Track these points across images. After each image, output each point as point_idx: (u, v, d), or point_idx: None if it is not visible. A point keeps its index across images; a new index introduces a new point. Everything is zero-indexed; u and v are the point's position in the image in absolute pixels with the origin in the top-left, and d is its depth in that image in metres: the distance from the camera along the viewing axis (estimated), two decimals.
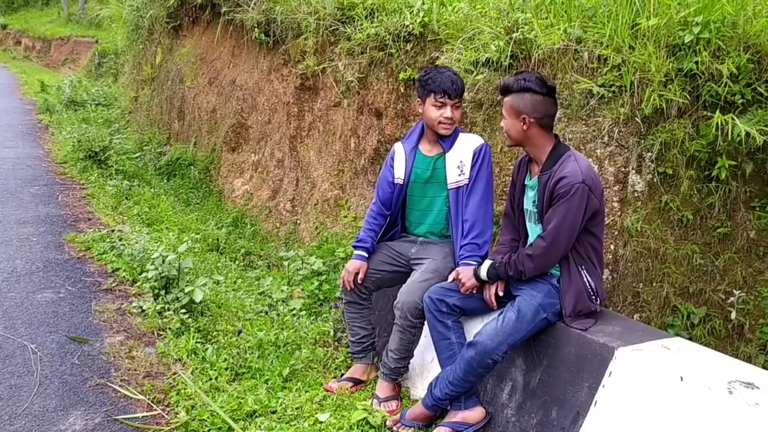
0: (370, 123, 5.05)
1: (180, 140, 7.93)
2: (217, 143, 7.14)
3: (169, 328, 3.54)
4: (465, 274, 2.77)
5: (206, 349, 3.28)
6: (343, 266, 4.88)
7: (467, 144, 3.01)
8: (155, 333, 3.58)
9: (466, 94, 3.66)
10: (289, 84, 6.09)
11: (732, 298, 3.34)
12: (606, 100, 3.37)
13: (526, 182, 2.77)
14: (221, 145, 7.04)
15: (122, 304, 3.97)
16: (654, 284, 3.46)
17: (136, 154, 7.63)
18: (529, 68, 3.71)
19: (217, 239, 5.14)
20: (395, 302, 2.85)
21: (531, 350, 2.53)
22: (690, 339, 3.44)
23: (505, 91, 2.66)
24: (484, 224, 2.93)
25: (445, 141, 3.01)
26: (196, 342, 3.38)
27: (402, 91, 4.62)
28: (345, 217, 5.29)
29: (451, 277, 2.85)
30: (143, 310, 3.81)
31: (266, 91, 6.54)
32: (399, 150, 3.16)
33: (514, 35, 3.60)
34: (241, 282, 4.33)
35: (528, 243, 2.78)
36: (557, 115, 3.26)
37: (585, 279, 2.54)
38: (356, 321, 3.15)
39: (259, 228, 5.97)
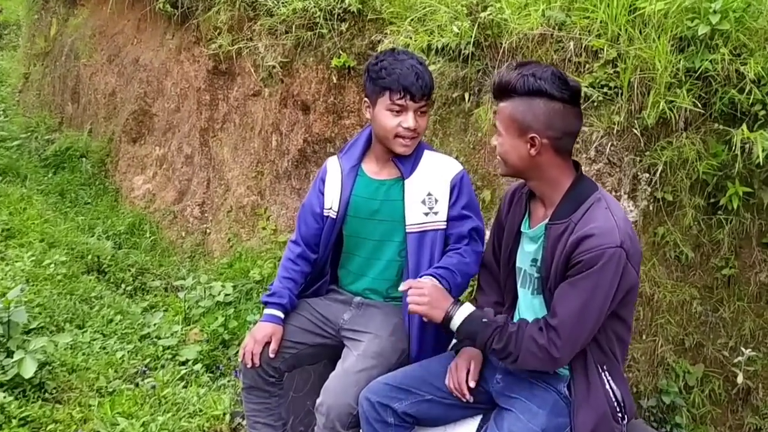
0: (296, 118, 4.19)
1: (73, 126, 6.82)
2: (116, 132, 6.10)
3: None
4: (428, 289, 1.84)
5: None
6: (259, 293, 4.05)
7: (438, 169, 2.14)
8: None
9: None
10: (201, 66, 5.14)
11: (739, 358, 2.69)
12: (595, 104, 2.64)
13: (523, 229, 1.91)
14: (120, 135, 6.00)
15: None
16: (645, 337, 2.77)
17: (15, 142, 6.45)
18: (497, 59, 2.94)
19: (98, 257, 4.14)
20: (318, 403, 1.95)
21: None
22: (685, 405, 2.79)
23: (503, 92, 1.78)
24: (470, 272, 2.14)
25: (405, 160, 2.14)
26: None
27: (335, 81, 3.78)
28: (263, 229, 4.43)
29: (402, 286, 1.91)
30: None
31: (175, 74, 5.56)
32: (333, 168, 2.25)
33: (481, 15, 2.81)
34: (120, 320, 3.36)
35: (518, 315, 1.95)
36: None
37: (608, 386, 1.72)
38: (260, 415, 2.19)
39: (161, 237, 5.02)
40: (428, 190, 2.10)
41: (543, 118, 1.73)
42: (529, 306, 1.89)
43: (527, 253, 1.89)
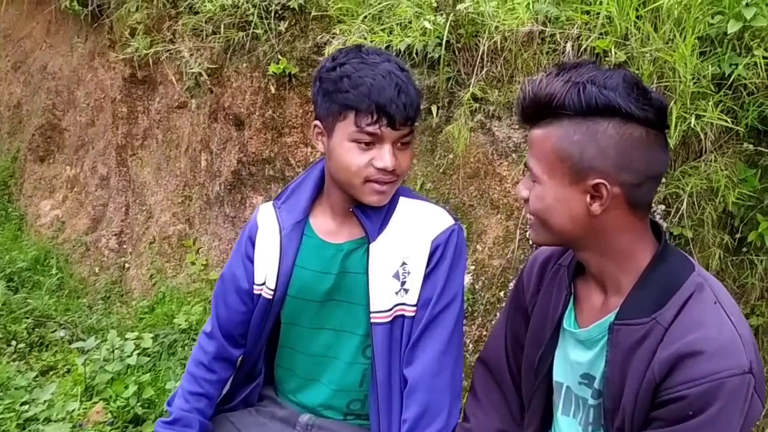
0: (228, 134, 3.57)
1: None
2: (21, 149, 5.34)
3: None
4: None
5: None
6: (184, 346, 3.39)
7: (418, 225, 1.44)
8: None
9: None
10: (117, 74, 4.44)
11: None
12: None
13: (566, 325, 1.26)
14: (26, 153, 5.25)
15: None
16: None
17: None
18: (473, 64, 2.39)
19: None
20: None
21: None
22: None
23: (542, 112, 1.15)
24: (449, 406, 1.37)
25: (371, 214, 1.42)
26: None
27: (273, 91, 3.17)
28: (192, 263, 3.79)
29: None
30: None
31: (87, 83, 4.85)
32: (267, 222, 1.52)
33: (456, 9, 2.26)
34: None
35: None
36: None
37: None
38: None
39: (69, 274, 4.29)
40: (403, 257, 1.41)
41: (614, 152, 1.08)
42: None
43: (575, 363, 1.22)
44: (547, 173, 1.13)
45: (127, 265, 4.23)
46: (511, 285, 2.41)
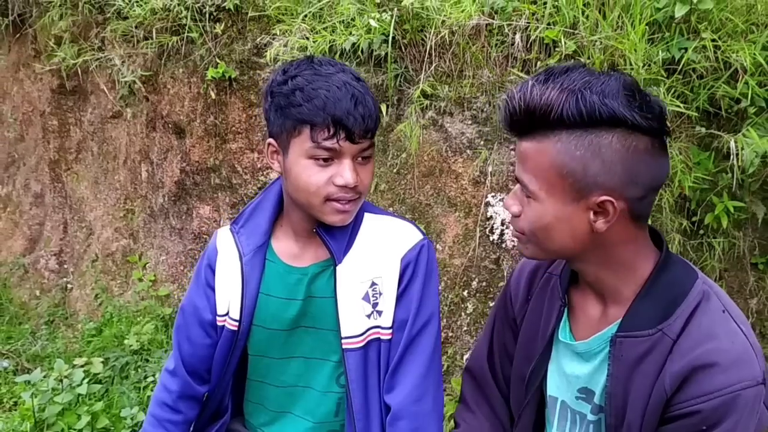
0: (168, 143, 3.41)
1: None
2: None
3: None
4: None
5: None
6: (138, 368, 3.24)
7: (386, 242, 1.35)
8: None
9: None
10: (44, 86, 4.21)
11: None
12: None
13: (561, 337, 1.20)
14: None
15: None
16: None
17: None
18: (420, 60, 2.32)
19: None
20: None
21: None
22: None
23: (536, 124, 1.04)
24: (436, 430, 1.29)
25: (336, 234, 1.32)
26: None
27: (213, 96, 3.04)
28: (140, 280, 3.63)
29: None
30: None
31: (14, 96, 4.58)
32: (226, 247, 1.41)
33: (400, 4, 2.18)
34: None
35: None
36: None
37: None
38: None
39: (8, 299, 4.06)
40: (372, 278, 1.32)
41: (621, 167, 1.00)
42: None
43: (572, 377, 1.16)
44: (545, 190, 1.05)
45: (69, 286, 4.02)
46: (474, 284, 2.37)
